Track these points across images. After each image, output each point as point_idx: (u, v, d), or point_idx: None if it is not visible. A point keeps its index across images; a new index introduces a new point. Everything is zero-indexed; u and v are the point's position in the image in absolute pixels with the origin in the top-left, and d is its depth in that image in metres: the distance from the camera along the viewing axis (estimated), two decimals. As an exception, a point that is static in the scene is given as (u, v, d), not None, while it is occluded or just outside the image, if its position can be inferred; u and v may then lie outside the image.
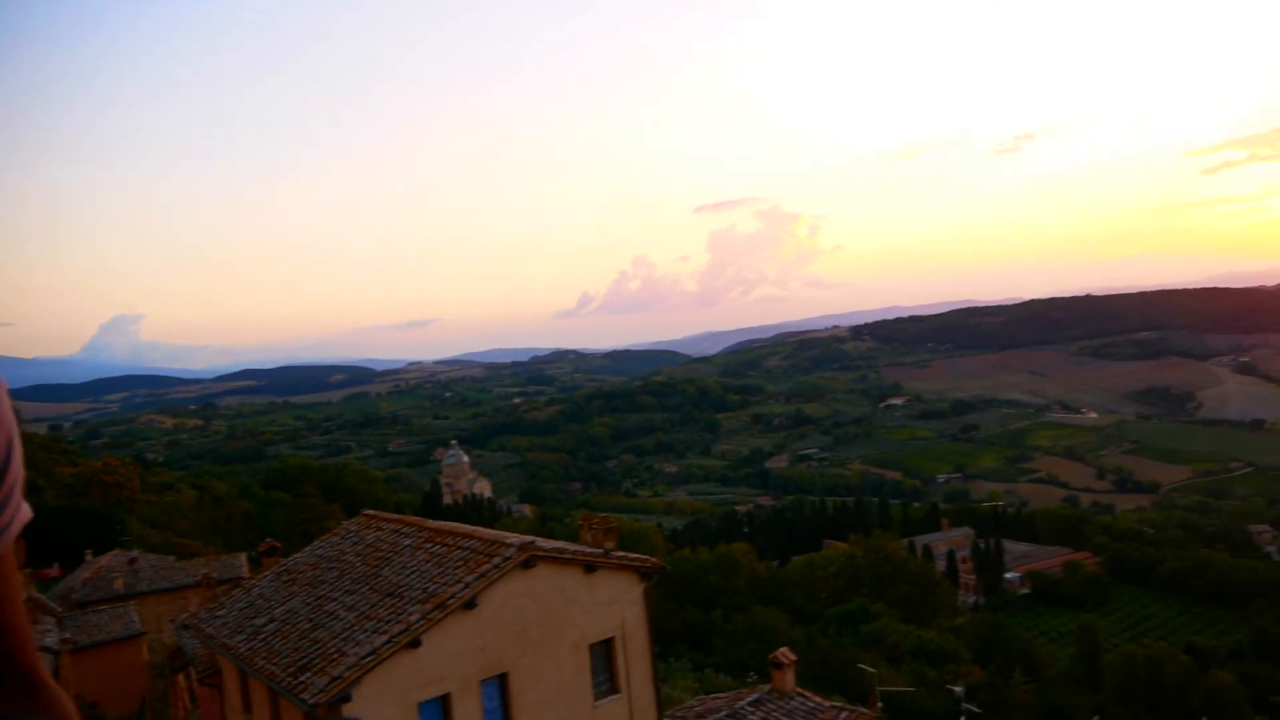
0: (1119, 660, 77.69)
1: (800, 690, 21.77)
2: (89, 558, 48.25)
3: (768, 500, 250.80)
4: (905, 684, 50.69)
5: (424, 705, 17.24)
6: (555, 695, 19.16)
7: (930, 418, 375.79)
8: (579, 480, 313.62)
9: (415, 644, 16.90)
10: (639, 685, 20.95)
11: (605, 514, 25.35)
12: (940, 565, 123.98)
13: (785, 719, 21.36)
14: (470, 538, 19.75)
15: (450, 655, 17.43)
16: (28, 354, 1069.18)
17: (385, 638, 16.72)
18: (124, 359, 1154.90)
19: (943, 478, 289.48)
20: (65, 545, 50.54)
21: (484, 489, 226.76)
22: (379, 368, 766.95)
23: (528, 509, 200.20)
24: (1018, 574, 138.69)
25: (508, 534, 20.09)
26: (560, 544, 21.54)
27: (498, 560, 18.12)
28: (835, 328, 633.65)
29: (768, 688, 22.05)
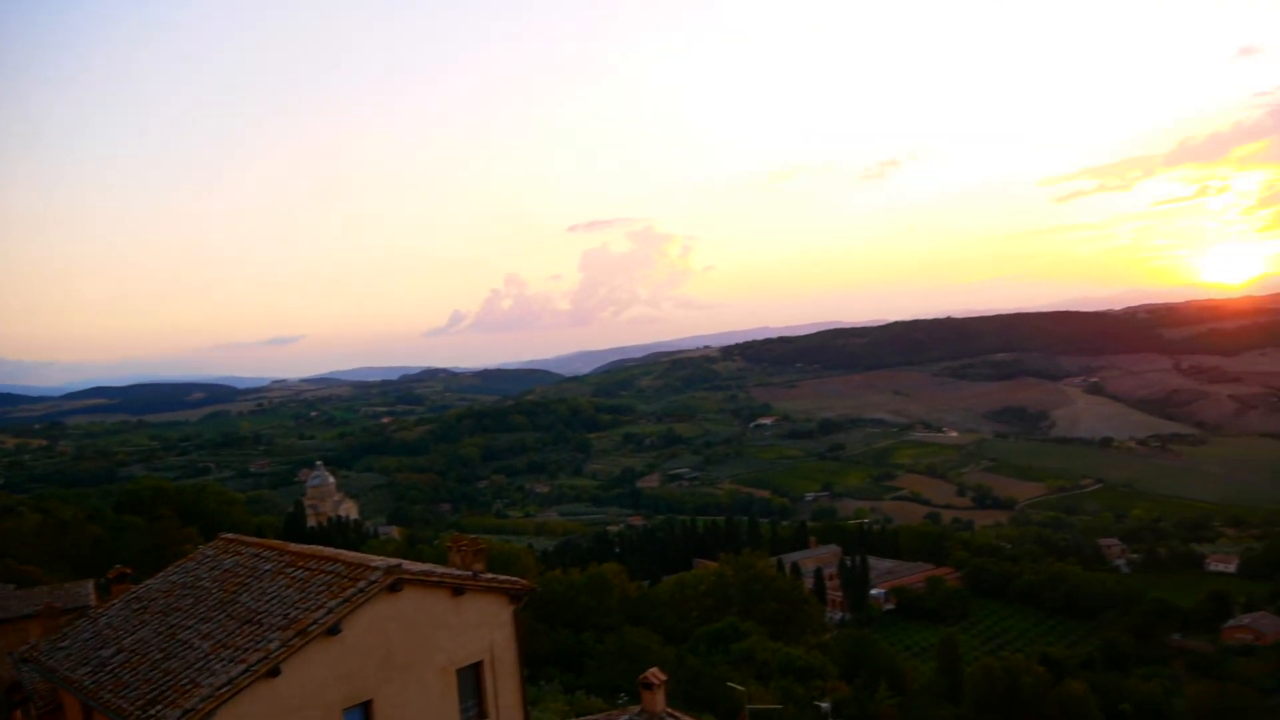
0: (978, 673, 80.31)
1: (670, 710, 21.83)
2: (-85, 587, 45.05)
3: (639, 520, 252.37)
4: (774, 701, 51.38)
5: (284, 736, 16.62)
6: (422, 721, 18.74)
7: (798, 437, 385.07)
8: (449, 501, 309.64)
9: (275, 673, 16.29)
10: (508, 709, 20.71)
11: (475, 535, 25.10)
12: (808, 582, 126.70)
13: (655, 739, 21.36)
14: (334, 561, 19.20)
15: (312, 684, 16.87)
16: None
17: (243, 667, 16.08)
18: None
19: (810, 496, 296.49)
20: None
21: (350, 511, 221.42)
22: (241, 386, 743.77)
23: (395, 531, 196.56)
24: (883, 590, 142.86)
25: (374, 557, 19.61)
26: (428, 566, 21.13)
27: (363, 584, 17.66)
28: (706, 348, 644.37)
29: (638, 709, 22.03)
